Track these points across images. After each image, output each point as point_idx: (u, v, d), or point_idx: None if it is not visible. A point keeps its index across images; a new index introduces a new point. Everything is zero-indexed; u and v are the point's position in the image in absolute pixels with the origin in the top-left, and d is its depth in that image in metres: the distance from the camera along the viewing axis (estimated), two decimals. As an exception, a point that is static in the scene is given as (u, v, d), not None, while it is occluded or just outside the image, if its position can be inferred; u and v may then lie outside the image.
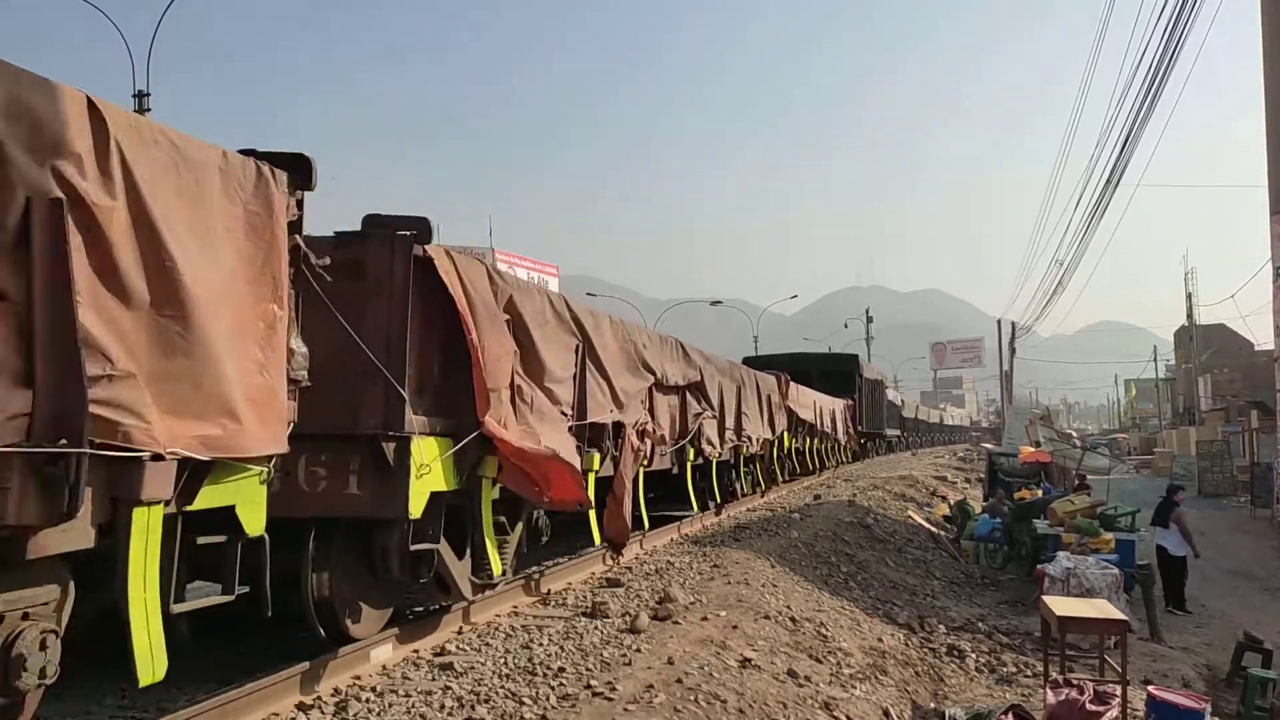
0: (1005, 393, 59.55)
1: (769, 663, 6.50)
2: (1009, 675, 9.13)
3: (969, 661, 9.38)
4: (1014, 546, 16.13)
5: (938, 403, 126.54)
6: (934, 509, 23.05)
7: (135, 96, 19.78)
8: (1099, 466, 24.91)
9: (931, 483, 29.05)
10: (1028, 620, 11.44)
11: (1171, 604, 13.75)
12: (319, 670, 5.02)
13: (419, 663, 5.62)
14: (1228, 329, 63.30)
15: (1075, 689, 6.87)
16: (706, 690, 5.49)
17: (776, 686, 6.07)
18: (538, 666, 5.57)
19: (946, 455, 55.04)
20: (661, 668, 5.74)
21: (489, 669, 5.48)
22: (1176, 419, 64.34)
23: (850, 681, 7.12)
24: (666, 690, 5.33)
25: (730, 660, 6.27)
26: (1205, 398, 55.02)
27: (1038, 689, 8.21)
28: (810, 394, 23.09)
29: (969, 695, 8.37)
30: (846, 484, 23.63)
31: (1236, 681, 9.60)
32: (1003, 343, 53.83)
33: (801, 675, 6.48)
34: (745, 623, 7.30)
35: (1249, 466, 31.05)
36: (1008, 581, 15.06)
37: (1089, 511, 14.64)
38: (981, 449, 54.96)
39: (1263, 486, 27.58)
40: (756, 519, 14.44)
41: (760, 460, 17.65)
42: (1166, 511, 14.34)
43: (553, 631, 6.47)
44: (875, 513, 17.80)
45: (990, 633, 10.69)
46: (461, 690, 5.03)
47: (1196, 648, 11.70)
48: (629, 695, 5.14)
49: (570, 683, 5.30)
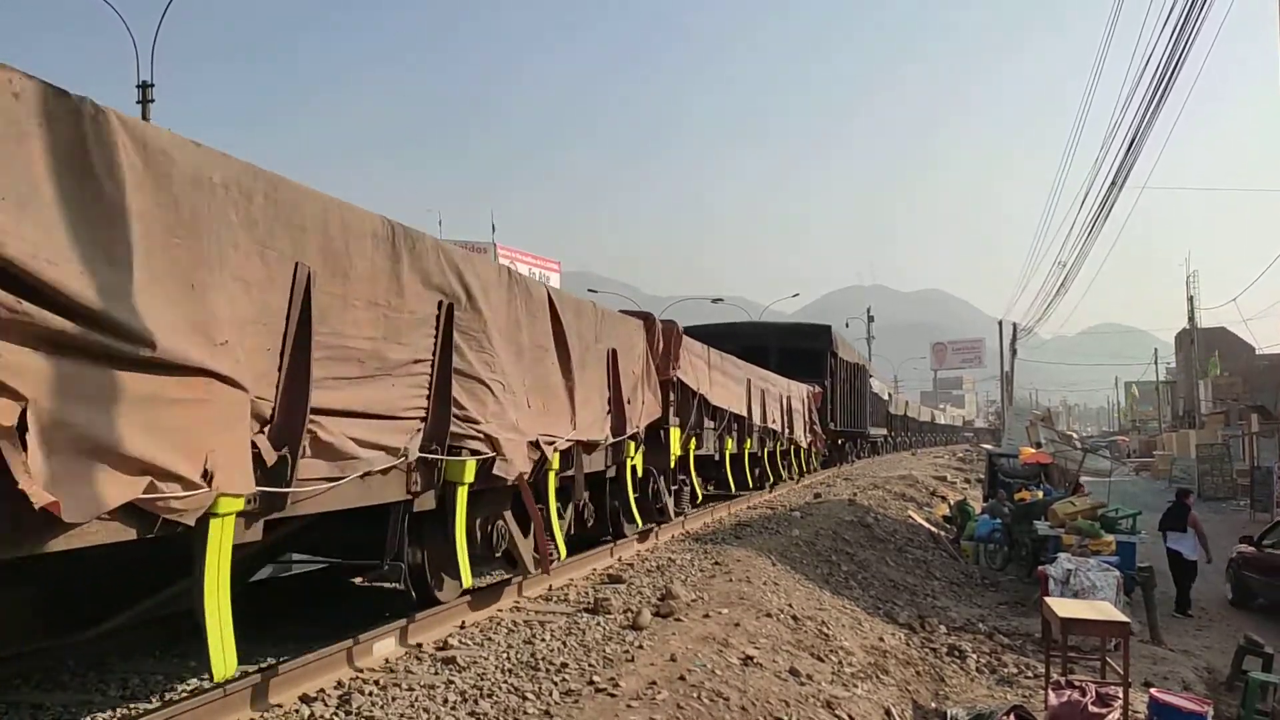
0: (1006, 394, 59.51)
1: (771, 661, 6.50)
2: (1010, 676, 9.14)
3: (970, 662, 9.39)
4: (1014, 547, 16.15)
5: (938, 403, 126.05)
6: (934, 509, 23.06)
7: (139, 87, 19.77)
8: (1100, 469, 24.90)
9: (931, 483, 29.07)
10: (1028, 621, 11.45)
11: (1176, 607, 13.80)
12: (321, 663, 5.02)
13: (421, 657, 5.62)
14: (1229, 332, 63.31)
15: (1077, 690, 6.88)
16: (709, 688, 5.49)
17: (779, 685, 6.06)
18: (540, 662, 5.56)
19: (946, 455, 55.08)
20: (664, 665, 5.74)
21: (492, 664, 5.47)
22: (1176, 422, 64.34)
23: (852, 680, 7.12)
24: (669, 687, 5.33)
25: (732, 658, 6.26)
26: (1205, 401, 55.00)
27: (1038, 690, 8.21)
28: (742, 368, 15.32)
29: (970, 696, 8.37)
30: (847, 483, 23.64)
31: (1237, 685, 9.59)
32: (1004, 344, 53.79)
33: (803, 674, 6.48)
34: (747, 620, 7.30)
35: (1249, 470, 31.05)
36: (1008, 582, 15.07)
37: (1090, 513, 14.64)
38: (981, 449, 54.97)
39: (1263, 490, 27.57)
40: (758, 516, 14.42)
41: (617, 483, 9.62)
42: (1181, 516, 14.29)
43: (555, 627, 6.46)
44: (876, 512, 17.81)
45: (991, 633, 10.70)
46: (464, 684, 5.03)
47: (1197, 650, 11.71)
48: (632, 691, 5.14)
49: (573, 678, 5.29)
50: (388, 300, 5.12)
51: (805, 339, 26.24)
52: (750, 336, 23.98)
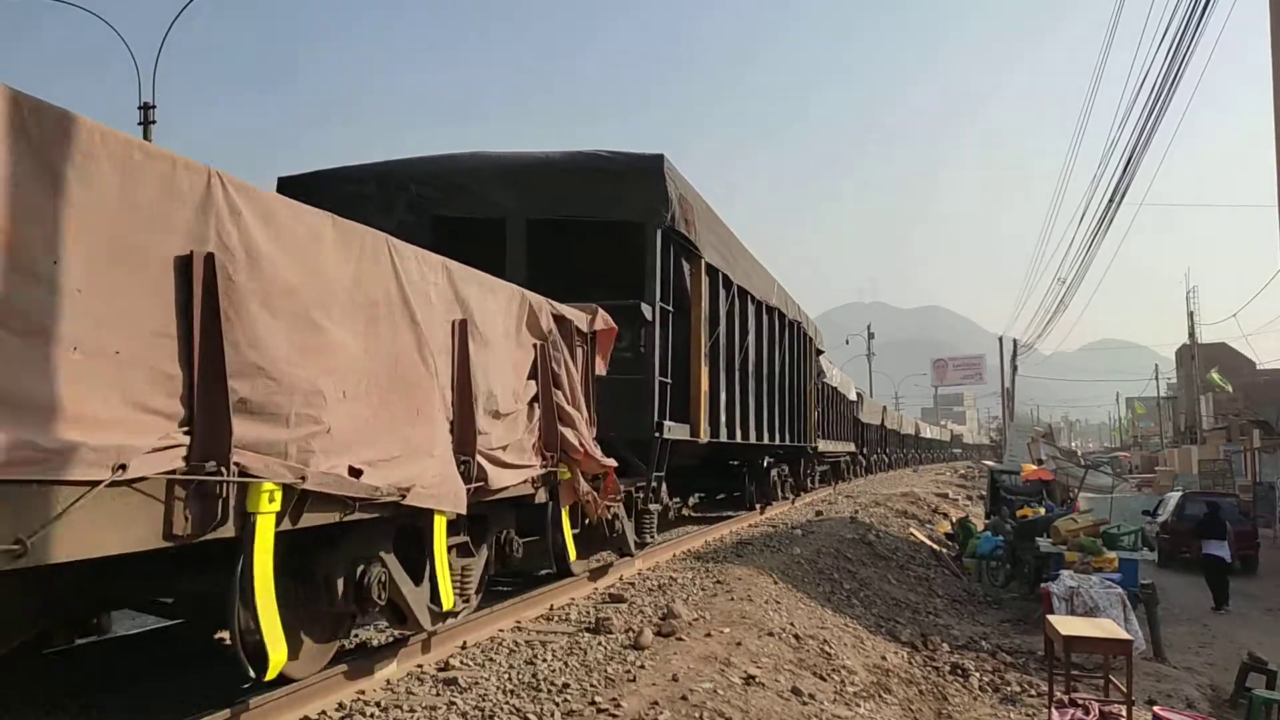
0: (1007, 410, 59.49)
1: (773, 680, 6.49)
2: (1013, 695, 9.12)
3: (973, 680, 9.36)
4: (1017, 565, 16.13)
5: (939, 419, 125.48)
6: (936, 526, 23.04)
7: (140, 109, 19.92)
8: (1102, 485, 24.89)
9: (933, 500, 29.03)
10: (1031, 639, 11.42)
11: (1216, 605, 16.08)
12: (322, 685, 5.01)
13: (423, 678, 5.61)
14: (1229, 348, 63.32)
15: (1080, 709, 6.87)
16: (711, 707, 5.48)
17: (781, 704, 6.05)
18: (542, 682, 5.55)
19: (948, 473, 55.02)
20: (666, 684, 5.73)
21: (493, 684, 5.47)
22: (1178, 437, 64.24)
23: (854, 700, 7.10)
24: (671, 707, 5.32)
25: (734, 677, 6.25)
26: (1207, 416, 54.95)
27: (1042, 708, 8.19)
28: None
29: (973, 715, 8.35)
30: (848, 500, 23.61)
31: (1240, 702, 9.56)
32: (1004, 360, 53.83)
33: (806, 693, 6.46)
34: (749, 639, 7.28)
35: (1251, 485, 31.02)
36: (1010, 600, 15.04)
37: (1092, 530, 14.63)
38: (983, 465, 54.89)
39: (1265, 505, 27.54)
40: (759, 534, 14.40)
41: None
42: (1220, 525, 16.78)
43: (556, 647, 6.45)
44: (877, 530, 17.79)
45: (994, 651, 10.68)
46: (466, 706, 5.02)
47: (1200, 668, 11.68)
48: (633, 712, 5.13)
49: (575, 699, 5.28)
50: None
51: (591, 190, 9.60)
52: (448, 186, 9.66)
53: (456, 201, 9.58)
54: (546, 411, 6.91)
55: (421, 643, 6.08)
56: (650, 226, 9.35)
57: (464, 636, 6.57)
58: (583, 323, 7.60)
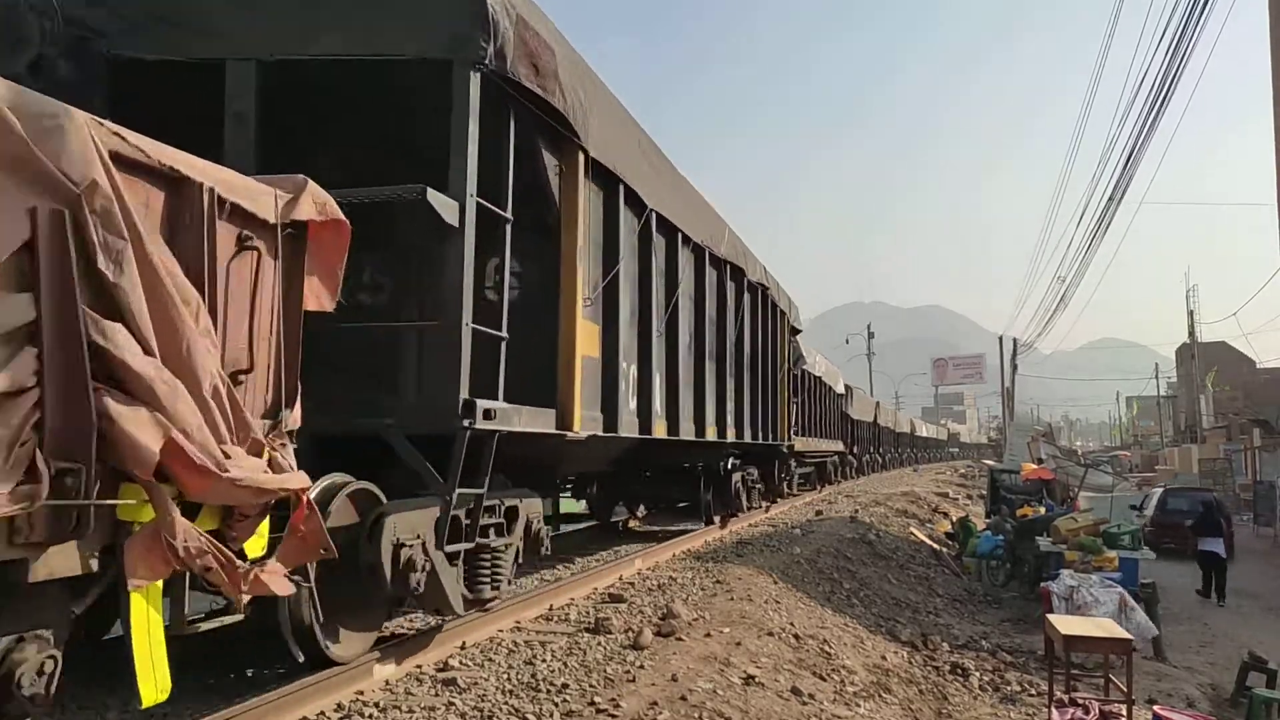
0: (1007, 409, 59.49)
1: (773, 680, 6.48)
2: (1013, 694, 9.11)
3: (973, 680, 9.35)
4: (1017, 564, 16.12)
5: (939, 418, 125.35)
6: (935, 526, 23.04)
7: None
8: (1102, 484, 24.89)
9: (933, 499, 29.03)
10: (1031, 638, 11.42)
11: (1218, 599, 16.68)
12: (320, 686, 5.01)
13: (422, 678, 5.60)
14: (1229, 346, 63.33)
15: (1080, 708, 6.86)
16: (710, 708, 5.47)
17: (780, 704, 6.04)
18: (541, 682, 5.54)
19: (948, 472, 55.05)
20: (665, 685, 5.72)
21: (492, 685, 5.46)
22: (1178, 436, 64.25)
23: (854, 700, 7.09)
24: (671, 707, 5.31)
25: (734, 677, 6.25)
26: (1207, 415, 54.96)
27: (1042, 708, 8.19)
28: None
29: (973, 714, 8.34)
30: (848, 500, 23.62)
31: (1241, 701, 9.55)
32: (1004, 359, 53.82)
33: (805, 693, 6.45)
34: (749, 639, 7.28)
35: (1251, 484, 31.02)
36: (1010, 599, 15.04)
37: (1092, 530, 14.62)
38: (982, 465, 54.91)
39: (1265, 505, 27.55)
40: (759, 534, 14.39)
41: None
42: (1216, 523, 17.56)
43: (556, 647, 6.45)
44: (877, 529, 17.78)
45: (994, 651, 10.67)
46: (465, 706, 5.01)
47: (1200, 667, 11.67)
48: (633, 712, 5.13)
49: (574, 699, 5.27)
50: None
51: (365, 11, 5.74)
52: (131, 8, 5.83)
53: (145, 35, 5.86)
54: (56, 368, 2.96)
55: (422, 643, 6.08)
56: (459, 64, 5.60)
57: (463, 637, 6.57)
58: (263, 202, 4.01)
